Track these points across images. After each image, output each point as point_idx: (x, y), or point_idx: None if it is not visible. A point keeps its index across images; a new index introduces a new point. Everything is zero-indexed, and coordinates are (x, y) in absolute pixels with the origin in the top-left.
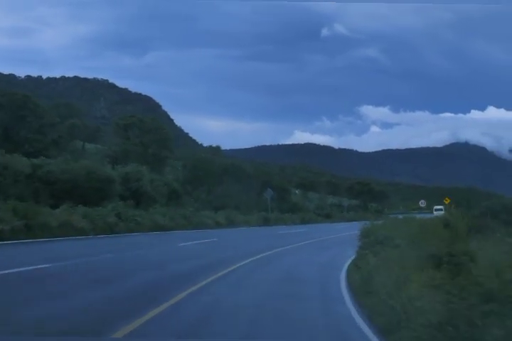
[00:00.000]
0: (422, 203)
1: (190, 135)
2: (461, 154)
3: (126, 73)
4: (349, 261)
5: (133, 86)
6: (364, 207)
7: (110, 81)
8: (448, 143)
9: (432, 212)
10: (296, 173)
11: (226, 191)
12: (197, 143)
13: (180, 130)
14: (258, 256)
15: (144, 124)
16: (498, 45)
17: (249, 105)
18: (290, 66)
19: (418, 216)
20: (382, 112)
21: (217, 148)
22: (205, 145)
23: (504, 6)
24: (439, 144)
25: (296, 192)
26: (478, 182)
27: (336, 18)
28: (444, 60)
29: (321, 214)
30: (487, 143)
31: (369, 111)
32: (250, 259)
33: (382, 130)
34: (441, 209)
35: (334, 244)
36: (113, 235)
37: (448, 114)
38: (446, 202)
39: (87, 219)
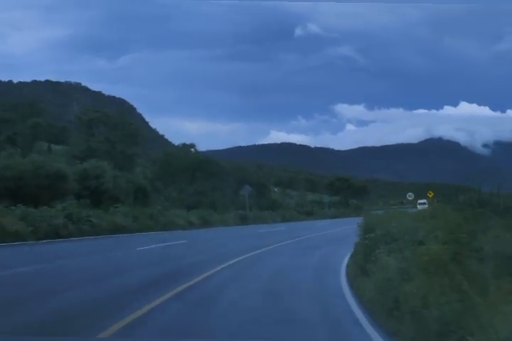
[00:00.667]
0: (410, 196)
1: (166, 137)
2: (436, 150)
3: (100, 76)
4: (345, 263)
5: (107, 89)
6: (345, 203)
7: (83, 84)
8: (422, 139)
9: (415, 207)
10: (273, 172)
11: (200, 188)
12: (173, 145)
13: (155, 132)
14: (234, 261)
15: (109, 119)
16: (469, 42)
17: (224, 106)
18: (265, 66)
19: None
20: (357, 110)
21: (191, 145)
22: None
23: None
24: (414, 140)
25: (275, 189)
26: (453, 176)
27: (310, 17)
28: (417, 57)
29: (302, 212)
30: (460, 138)
31: (344, 109)
32: (224, 265)
33: (357, 128)
34: (424, 203)
35: (323, 243)
36: (59, 240)
37: (422, 111)
38: (430, 196)
39: (25, 221)
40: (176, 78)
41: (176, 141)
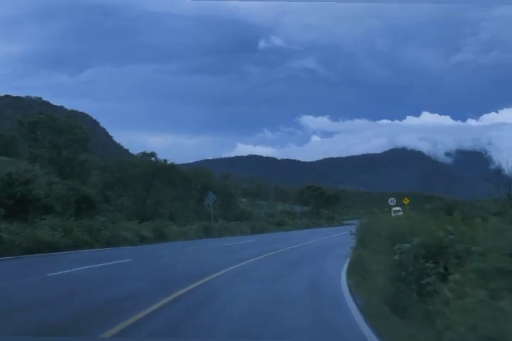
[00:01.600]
0: (392, 201)
1: (131, 151)
2: (400, 159)
3: (62, 91)
4: (346, 286)
5: (69, 103)
6: (316, 213)
7: (44, 99)
8: (387, 149)
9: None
10: (240, 184)
11: (158, 198)
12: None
13: (120, 147)
14: (183, 291)
15: (55, 123)
16: (430, 53)
17: (190, 119)
18: (230, 78)
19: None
20: (322, 121)
21: (152, 154)
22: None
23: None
24: (379, 150)
25: (243, 200)
26: (418, 185)
27: (273, 30)
28: (380, 69)
29: (273, 222)
30: (424, 147)
31: (309, 121)
32: (165, 300)
33: (322, 139)
34: (399, 211)
35: (305, 257)
36: None
37: (385, 121)
38: (406, 202)
39: None
40: (140, 92)
41: None
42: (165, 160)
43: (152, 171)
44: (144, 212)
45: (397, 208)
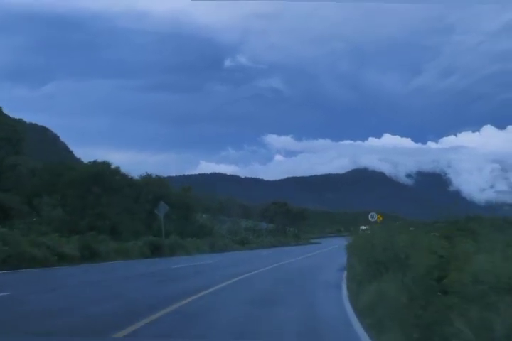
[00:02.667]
0: (372, 216)
1: None
2: (362, 180)
3: (21, 104)
4: None
5: (29, 117)
6: (282, 231)
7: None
8: (349, 169)
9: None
10: (202, 200)
11: (97, 208)
12: None
13: (80, 162)
14: None
15: None
16: (392, 76)
17: (153, 136)
18: (194, 96)
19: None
20: (286, 141)
21: (105, 163)
22: None
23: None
24: (341, 171)
25: (204, 216)
26: (379, 206)
27: (238, 49)
28: (343, 90)
29: (236, 240)
30: (385, 168)
31: (273, 139)
32: None
33: (286, 158)
34: (367, 230)
35: (279, 289)
36: None
37: (348, 142)
38: (379, 220)
39: None
40: (103, 107)
41: None
42: (107, 163)
43: (91, 176)
44: (78, 225)
45: (364, 227)
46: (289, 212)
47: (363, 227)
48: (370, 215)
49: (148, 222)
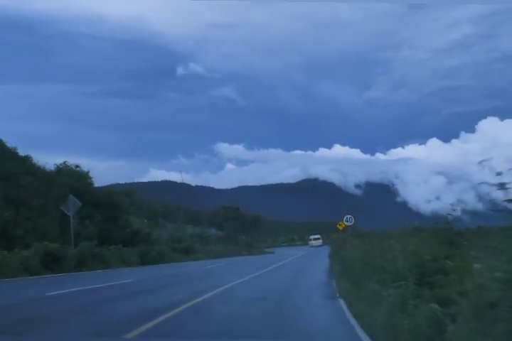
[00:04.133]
0: (349, 220)
1: None
2: (313, 189)
3: None
4: None
5: None
6: (234, 239)
7: None
8: (300, 179)
9: (305, 244)
10: (148, 206)
11: None
12: None
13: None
14: None
15: None
16: (343, 89)
17: (103, 143)
18: (146, 103)
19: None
20: (237, 150)
21: (26, 157)
22: None
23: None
24: (292, 180)
25: (145, 220)
26: (329, 215)
27: (193, 57)
28: (295, 101)
29: (179, 249)
30: (335, 178)
31: (224, 148)
32: None
33: (237, 167)
34: (318, 239)
35: None
36: None
37: (299, 152)
38: (341, 228)
39: None
40: (53, 112)
41: None
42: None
43: None
44: None
45: (316, 236)
46: (241, 217)
47: (314, 236)
48: (345, 218)
49: (63, 224)
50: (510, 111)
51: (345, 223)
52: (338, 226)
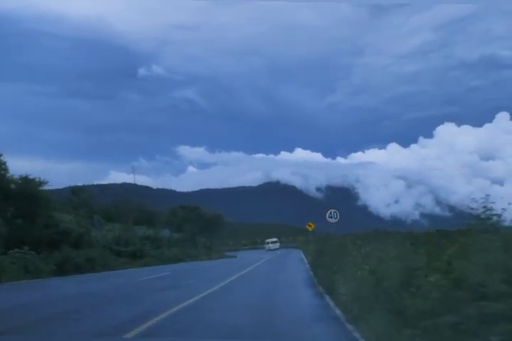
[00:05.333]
0: (333, 215)
1: None
2: (275, 192)
3: None
4: None
5: None
6: (192, 241)
7: None
8: (262, 182)
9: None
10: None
11: None
12: None
13: None
14: None
15: None
16: (306, 92)
17: (62, 144)
18: (107, 104)
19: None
20: (199, 152)
21: None
22: None
23: None
24: (254, 183)
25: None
26: (291, 218)
27: (154, 58)
28: (257, 104)
29: (126, 253)
30: (296, 182)
31: (186, 151)
32: None
33: (199, 170)
34: (276, 242)
35: None
36: None
37: (261, 155)
38: (310, 229)
39: None
40: (8, 112)
41: None
42: None
43: None
44: None
45: (273, 239)
46: (201, 218)
47: (271, 240)
48: (328, 214)
49: None
50: (467, 118)
51: (329, 220)
52: (307, 227)
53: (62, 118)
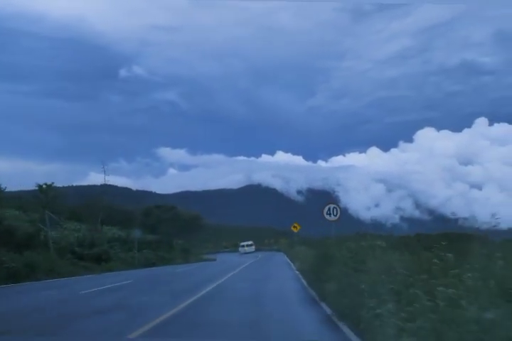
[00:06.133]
0: (331, 212)
1: None
2: (256, 195)
3: None
4: None
5: None
6: (168, 243)
7: None
8: (243, 184)
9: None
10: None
11: None
12: None
13: None
14: None
15: None
16: (287, 96)
17: (40, 144)
18: (87, 105)
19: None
20: (180, 154)
21: None
22: None
23: None
24: (235, 186)
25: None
26: (271, 221)
27: (135, 59)
28: (239, 106)
29: (89, 256)
30: (277, 184)
31: (167, 153)
32: None
33: (180, 172)
34: (251, 245)
35: None
36: None
37: (242, 158)
38: (296, 230)
39: None
40: None
41: None
42: None
43: None
44: None
45: (249, 242)
46: (178, 218)
47: (247, 243)
48: (326, 209)
49: None
50: (446, 123)
51: (327, 217)
52: (292, 228)
53: (40, 119)
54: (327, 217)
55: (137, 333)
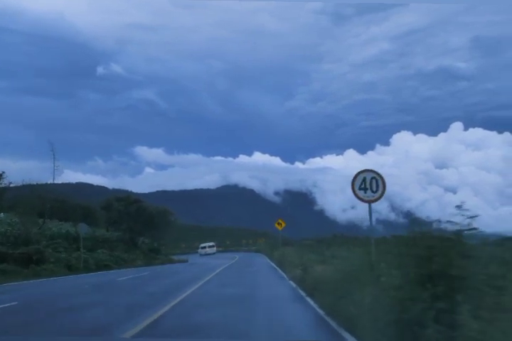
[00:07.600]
0: (369, 187)
1: None
2: (233, 196)
3: None
4: None
5: None
6: (132, 242)
7: None
8: (220, 185)
9: (225, 250)
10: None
11: None
12: None
13: None
14: None
15: None
16: (265, 97)
17: (15, 142)
18: (63, 102)
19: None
20: (157, 153)
21: None
22: None
23: None
24: (212, 186)
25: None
26: (249, 222)
27: (113, 57)
28: (217, 107)
29: (13, 256)
30: (254, 185)
31: (143, 152)
32: None
33: (156, 171)
34: (213, 246)
35: None
36: None
37: (219, 158)
38: (280, 228)
39: None
40: None
41: None
42: None
43: None
44: None
45: (210, 243)
46: (143, 213)
47: (207, 244)
48: (361, 181)
49: None
50: (422, 127)
51: (359, 193)
52: (276, 225)
53: (15, 116)
54: (360, 194)
55: None
